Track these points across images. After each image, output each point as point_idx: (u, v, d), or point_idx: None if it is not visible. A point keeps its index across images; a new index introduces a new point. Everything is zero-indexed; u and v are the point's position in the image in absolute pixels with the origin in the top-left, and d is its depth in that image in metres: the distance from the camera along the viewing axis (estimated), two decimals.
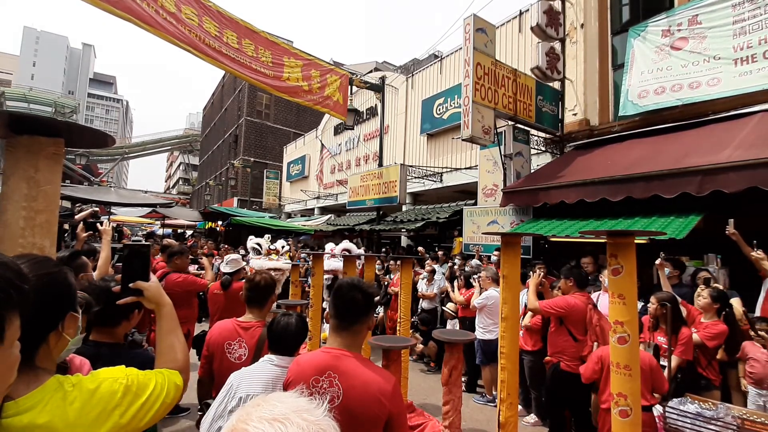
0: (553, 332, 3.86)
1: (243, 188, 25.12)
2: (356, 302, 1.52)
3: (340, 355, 1.46)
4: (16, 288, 0.61)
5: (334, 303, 1.56)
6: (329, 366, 1.43)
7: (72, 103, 39.99)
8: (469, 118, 5.92)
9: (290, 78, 7.36)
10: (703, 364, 3.39)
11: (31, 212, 1.10)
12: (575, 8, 7.27)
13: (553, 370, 3.77)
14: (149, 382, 0.98)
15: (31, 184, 1.10)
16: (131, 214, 18.49)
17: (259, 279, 2.41)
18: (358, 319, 1.53)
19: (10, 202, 1.10)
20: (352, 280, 1.62)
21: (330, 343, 1.54)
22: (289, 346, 1.90)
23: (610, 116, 6.93)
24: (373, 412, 1.38)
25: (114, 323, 1.68)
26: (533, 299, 3.71)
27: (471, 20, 6.07)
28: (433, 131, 11.21)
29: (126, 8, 4.86)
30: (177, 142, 46.31)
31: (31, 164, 1.11)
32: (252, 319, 2.32)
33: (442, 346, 3.94)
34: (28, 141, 1.12)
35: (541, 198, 6.05)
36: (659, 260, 3.95)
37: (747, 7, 5.36)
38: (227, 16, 6.46)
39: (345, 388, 1.39)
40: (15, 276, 0.62)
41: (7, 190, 1.12)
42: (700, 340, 3.32)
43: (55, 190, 1.16)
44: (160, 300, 1.22)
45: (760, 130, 4.67)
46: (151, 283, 1.22)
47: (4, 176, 1.13)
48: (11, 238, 1.08)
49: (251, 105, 25.75)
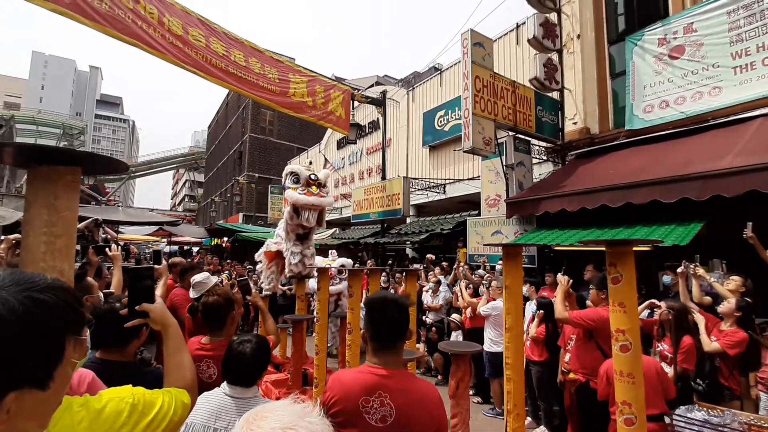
0: (579, 347, 3.61)
1: (248, 204, 25.34)
2: (394, 320, 1.50)
3: (388, 374, 1.46)
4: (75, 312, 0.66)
5: (370, 324, 1.53)
6: (379, 385, 1.43)
7: (80, 125, 40.72)
8: (470, 130, 6.00)
9: (296, 94, 7.51)
10: (725, 374, 3.27)
11: (51, 237, 1.16)
12: (571, 19, 7.39)
13: (583, 389, 3.52)
14: (156, 401, 1.01)
15: (51, 211, 1.17)
16: (138, 233, 18.66)
17: (212, 300, 2.29)
18: (398, 337, 1.51)
19: (32, 227, 1.16)
20: (384, 297, 1.56)
21: (373, 361, 1.51)
22: (244, 376, 1.73)
23: (610, 124, 6.99)
24: (426, 425, 1.43)
25: (124, 343, 1.71)
26: (561, 308, 3.44)
27: (468, 35, 6.20)
28: (434, 143, 11.32)
29: (133, 35, 5.02)
30: (182, 160, 46.88)
31: (51, 192, 1.18)
32: (215, 340, 2.25)
33: (448, 358, 3.92)
34: (47, 170, 1.19)
35: (543, 207, 6.07)
36: (681, 268, 3.73)
37: (742, 13, 5.42)
38: (233, 37, 6.64)
39: (397, 405, 1.41)
40: (74, 300, 0.67)
41: (28, 216, 1.18)
42: (721, 348, 3.20)
43: (73, 215, 1.23)
44: (165, 320, 1.26)
45: (761, 135, 4.70)
46: (156, 304, 1.26)
47: (26, 203, 1.20)
48: (33, 261, 1.14)
49: (255, 121, 26.14)
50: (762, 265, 3.52)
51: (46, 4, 4.33)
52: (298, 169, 4.45)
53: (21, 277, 0.62)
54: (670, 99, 6.00)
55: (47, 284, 0.63)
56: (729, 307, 3.33)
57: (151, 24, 5.27)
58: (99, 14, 4.75)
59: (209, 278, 3.59)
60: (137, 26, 5.10)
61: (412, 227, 10.86)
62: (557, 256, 6.92)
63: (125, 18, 5.03)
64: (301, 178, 4.35)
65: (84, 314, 0.70)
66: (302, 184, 4.32)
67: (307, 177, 4.35)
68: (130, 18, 5.05)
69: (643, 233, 5.01)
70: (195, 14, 6.08)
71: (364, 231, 13.60)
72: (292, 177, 4.41)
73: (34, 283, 0.62)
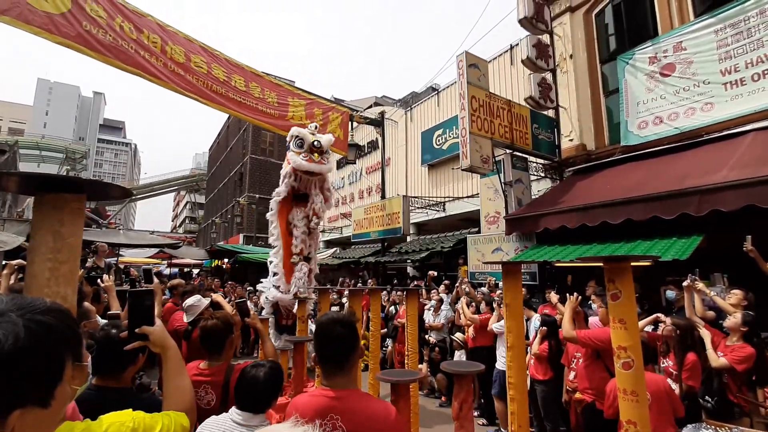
0: (587, 366, 3.53)
1: (249, 225, 25.37)
2: (339, 339, 1.48)
3: (338, 395, 1.45)
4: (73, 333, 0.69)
5: (317, 346, 1.51)
6: (330, 408, 1.42)
7: (82, 149, 41.22)
8: (468, 148, 6.09)
9: (294, 116, 7.65)
10: (733, 391, 3.18)
11: (56, 263, 1.18)
12: (563, 40, 7.59)
13: (589, 410, 3.42)
14: (156, 425, 1.02)
15: (57, 238, 1.19)
16: (139, 255, 18.65)
17: (211, 324, 2.26)
18: (346, 357, 1.49)
19: (37, 254, 1.18)
20: (330, 317, 1.55)
21: (324, 384, 1.50)
22: (257, 402, 1.72)
23: (606, 140, 7.09)
24: None
25: (121, 369, 1.68)
26: (569, 327, 3.39)
27: (463, 57, 6.36)
28: (433, 161, 11.43)
29: (136, 64, 5.17)
30: (183, 182, 47.22)
31: (57, 219, 1.21)
32: (213, 365, 2.23)
33: (451, 379, 3.86)
34: (54, 198, 1.22)
35: (542, 224, 6.10)
36: (687, 282, 3.67)
37: (729, 32, 5.58)
38: (234, 63, 6.81)
39: (348, 429, 1.40)
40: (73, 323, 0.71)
41: (34, 243, 1.21)
42: (729, 364, 3.13)
43: (77, 241, 1.25)
44: (164, 343, 1.27)
45: (754, 149, 4.77)
46: (156, 327, 1.27)
47: (32, 230, 1.23)
48: (38, 288, 1.16)
49: (255, 143, 26.45)
50: (763, 277, 3.51)
51: (53, 38, 4.47)
52: (303, 133, 4.60)
53: (22, 301, 0.65)
54: (663, 115, 6.11)
55: (47, 307, 0.66)
56: (735, 321, 3.27)
57: (154, 53, 5.42)
58: (103, 46, 4.90)
59: (201, 301, 3.58)
60: (140, 56, 5.25)
61: (412, 246, 10.86)
62: (558, 273, 6.90)
63: (128, 48, 5.19)
64: (305, 143, 4.53)
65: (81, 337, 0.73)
66: (305, 150, 4.53)
67: (311, 143, 4.54)
68: (133, 48, 5.21)
69: (643, 247, 5.02)
70: (197, 42, 6.26)
71: (364, 250, 13.58)
72: (296, 141, 4.58)
73: (35, 306, 0.65)
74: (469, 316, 5.39)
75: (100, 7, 5.04)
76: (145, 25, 5.50)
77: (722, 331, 3.51)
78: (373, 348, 4.11)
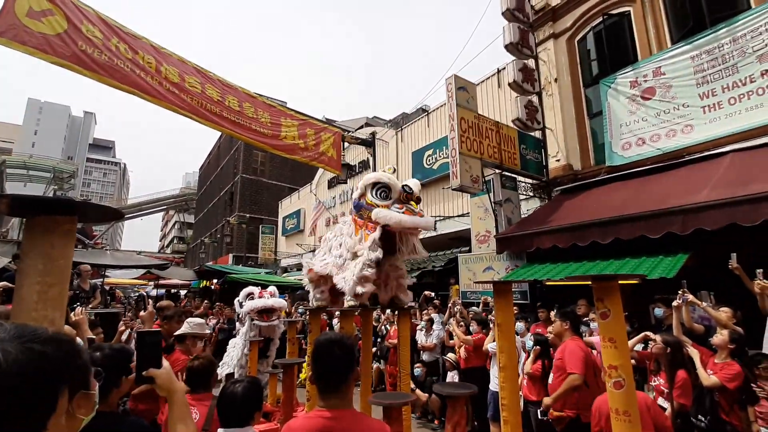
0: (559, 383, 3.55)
1: (238, 244, 25.13)
2: (337, 361, 1.49)
3: (335, 416, 1.45)
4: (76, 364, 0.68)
5: (315, 366, 1.52)
6: (327, 429, 1.42)
7: (70, 168, 40.76)
8: (458, 168, 6.18)
9: (287, 137, 7.71)
10: (725, 409, 3.15)
11: (44, 286, 1.17)
12: (548, 65, 7.86)
13: (573, 426, 3.42)
14: None
15: (47, 260, 1.18)
16: (125, 276, 18.26)
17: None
18: (343, 378, 1.49)
19: (26, 277, 1.17)
20: (328, 338, 1.55)
21: (320, 405, 1.50)
22: (237, 417, 1.80)
23: (591, 161, 7.26)
24: None
25: (104, 393, 1.66)
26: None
27: (452, 80, 6.54)
28: (424, 181, 11.51)
29: (132, 83, 5.21)
30: (173, 201, 46.79)
31: (48, 241, 1.20)
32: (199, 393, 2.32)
33: (444, 401, 3.81)
34: (45, 220, 1.22)
35: (533, 243, 6.16)
36: (677, 302, 3.68)
37: (705, 58, 5.84)
38: (227, 84, 6.90)
39: None
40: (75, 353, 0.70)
41: (24, 266, 1.19)
42: (720, 383, 3.10)
43: (67, 263, 1.24)
44: (171, 387, 1.26)
45: (732, 170, 4.94)
46: (163, 370, 1.27)
47: (23, 253, 1.21)
48: (26, 311, 1.14)
49: (247, 162, 26.47)
50: (750, 295, 3.57)
51: (48, 58, 4.50)
52: (388, 179, 3.12)
53: (24, 330, 0.65)
54: (645, 137, 6.31)
55: (48, 336, 0.66)
56: (722, 339, 3.26)
57: (149, 72, 5.47)
58: (99, 65, 4.93)
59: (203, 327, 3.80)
60: (136, 75, 5.29)
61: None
62: (549, 291, 6.92)
63: (124, 67, 5.23)
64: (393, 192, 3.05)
65: (86, 366, 0.72)
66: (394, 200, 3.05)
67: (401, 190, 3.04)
68: (128, 67, 5.25)
69: (631, 265, 5.09)
70: (191, 63, 6.34)
71: None
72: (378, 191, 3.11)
73: (36, 335, 0.65)
74: (462, 338, 5.35)
75: (96, 28, 5.10)
76: (140, 46, 5.56)
77: (710, 349, 3.53)
78: (365, 370, 4.04)
